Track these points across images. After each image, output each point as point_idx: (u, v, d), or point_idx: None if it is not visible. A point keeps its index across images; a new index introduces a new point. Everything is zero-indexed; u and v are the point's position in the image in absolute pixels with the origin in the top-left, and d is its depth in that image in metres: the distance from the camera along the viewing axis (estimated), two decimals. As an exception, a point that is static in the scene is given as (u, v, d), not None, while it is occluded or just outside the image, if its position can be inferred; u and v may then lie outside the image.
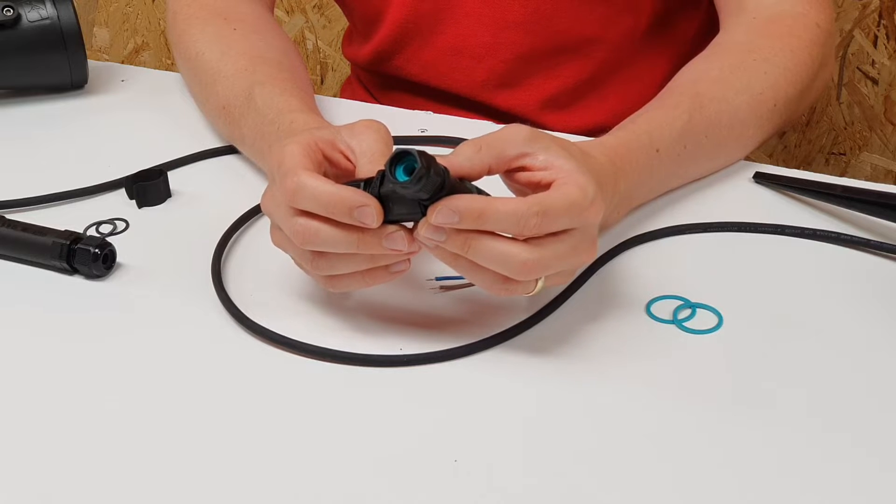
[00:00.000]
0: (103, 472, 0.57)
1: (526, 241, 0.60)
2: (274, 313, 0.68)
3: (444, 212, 0.58)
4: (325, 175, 0.65)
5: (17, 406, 0.63)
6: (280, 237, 0.65)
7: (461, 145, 0.62)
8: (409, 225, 0.62)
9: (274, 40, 0.91)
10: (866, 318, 0.67)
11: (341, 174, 0.65)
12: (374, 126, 0.66)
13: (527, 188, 0.63)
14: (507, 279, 0.61)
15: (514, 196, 0.62)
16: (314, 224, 0.61)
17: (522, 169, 0.63)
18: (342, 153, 0.65)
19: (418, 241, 0.61)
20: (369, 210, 0.59)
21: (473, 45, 0.98)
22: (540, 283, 0.62)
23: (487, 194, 0.61)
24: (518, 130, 0.63)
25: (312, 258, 0.63)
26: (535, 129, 0.63)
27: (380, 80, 1.07)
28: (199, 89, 0.92)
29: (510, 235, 0.60)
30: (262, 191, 0.82)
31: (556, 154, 0.62)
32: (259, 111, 0.79)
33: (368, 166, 0.63)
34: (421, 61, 1.01)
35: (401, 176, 0.57)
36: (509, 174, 0.63)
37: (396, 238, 0.60)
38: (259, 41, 0.89)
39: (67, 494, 0.56)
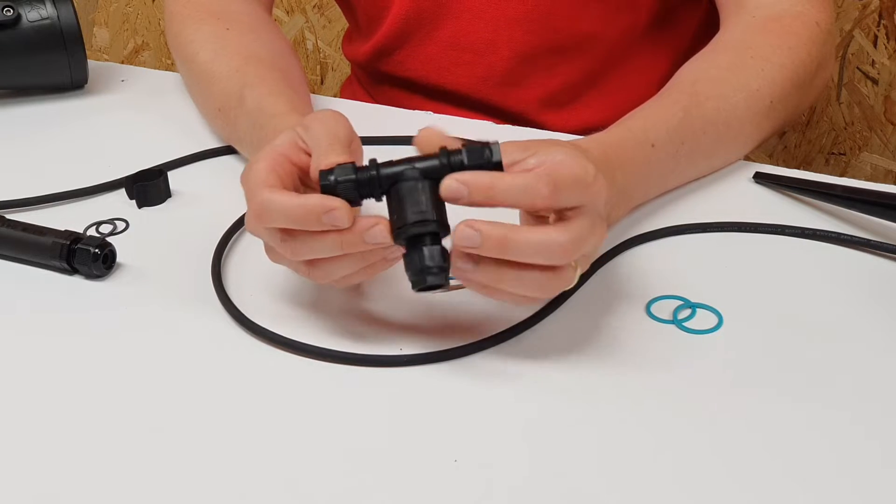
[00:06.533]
0: (103, 472, 0.57)
1: (554, 225, 0.60)
2: (274, 314, 0.68)
3: (453, 185, 0.58)
4: (301, 181, 0.65)
5: (16, 406, 0.63)
6: (275, 254, 0.65)
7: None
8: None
9: (268, 40, 0.91)
10: (866, 318, 0.67)
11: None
12: (320, 117, 0.66)
13: None
14: (548, 273, 0.60)
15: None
16: (298, 237, 0.61)
17: None
18: (307, 153, 0.65)
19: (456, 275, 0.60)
20: (338, 213, 0.59)
21: (474, 40, 0.98)
22: (577, 272, 0.61)
23: None
24: (507, 144, 0.62)
25: (308, 268, 0.63)
26: (521, 141, 0.62)
27: (380, 78, 1.07)
28: (196, 90, 0.92)
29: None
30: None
31: (548, 150, 0.61)
32: (250, 114, 0.79)
33: (318, 161, 0.63)
34: (422, 56, 1.01)
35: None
36: None
37: (376, 233, 0.60)
38: (253, 41, 0.89)
39: (67, 495, 0.56)
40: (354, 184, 0.60)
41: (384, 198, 0.61)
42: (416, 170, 0.60)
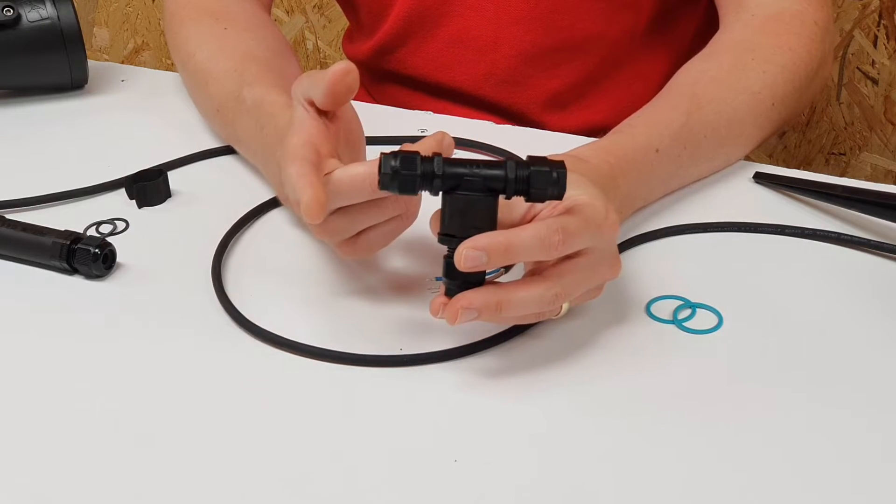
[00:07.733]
0: (102, 473, 0.57)
1: (545, 275, 0.61)
2: (274, 314, 0.68)
3: (472, 254, 0.58)
4: (338, 142, 0.66)
5: (16, 406, 0.63)
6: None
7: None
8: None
9: (266, 39, 0.91)
10: (866, 318, 0.67)
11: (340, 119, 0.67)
12: (304, 76, 0.68)
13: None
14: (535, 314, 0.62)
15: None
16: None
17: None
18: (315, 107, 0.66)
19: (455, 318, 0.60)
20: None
21: (476, 37, 0.98)
22: (565, 306, 0.63)
23: None
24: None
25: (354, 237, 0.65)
26: None
27: (382, 76, 1.08)
28: (194, 90, 0.92)
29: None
30: (263, 191, 0.83)
31: None
32: (249, 113, 0.79)
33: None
34: (424, 54, 1.01)
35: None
36: None
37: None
38: (250, 40, 0.89)
39: (65, 495, 0.56)
40: (418, 178, 0.60)
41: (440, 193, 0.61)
42: (480, 177, 0.60)
